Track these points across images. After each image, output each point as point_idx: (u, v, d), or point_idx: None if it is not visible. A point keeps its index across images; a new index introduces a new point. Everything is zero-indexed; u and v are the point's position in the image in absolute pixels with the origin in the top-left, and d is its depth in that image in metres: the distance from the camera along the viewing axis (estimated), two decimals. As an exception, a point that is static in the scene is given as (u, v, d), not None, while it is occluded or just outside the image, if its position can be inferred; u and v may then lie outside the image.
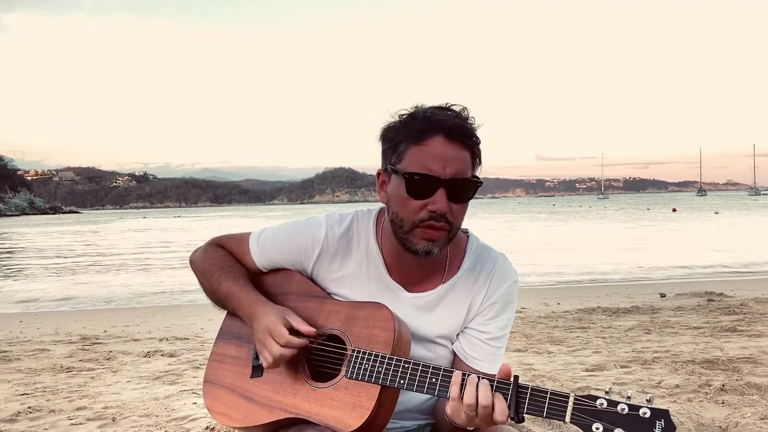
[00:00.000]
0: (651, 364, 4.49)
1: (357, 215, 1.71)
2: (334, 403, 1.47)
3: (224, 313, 1.77)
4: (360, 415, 1.44)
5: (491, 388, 1.33)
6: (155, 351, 5.50)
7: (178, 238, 34.04)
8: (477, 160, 1.52)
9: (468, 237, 1.69)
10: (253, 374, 1.61)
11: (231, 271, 1.70)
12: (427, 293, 1.63)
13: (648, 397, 1.24)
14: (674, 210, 58.76)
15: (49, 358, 5.38)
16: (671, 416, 1.22)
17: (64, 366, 4.97)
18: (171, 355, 5.33)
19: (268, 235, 1.73)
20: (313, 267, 1.67)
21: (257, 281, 1.72)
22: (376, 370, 1.46)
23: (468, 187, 1.49)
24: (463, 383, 1.36)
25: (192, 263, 1.79)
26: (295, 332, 1.53)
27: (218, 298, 1.71)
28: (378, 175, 1.60)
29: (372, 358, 1.47)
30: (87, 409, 3.73)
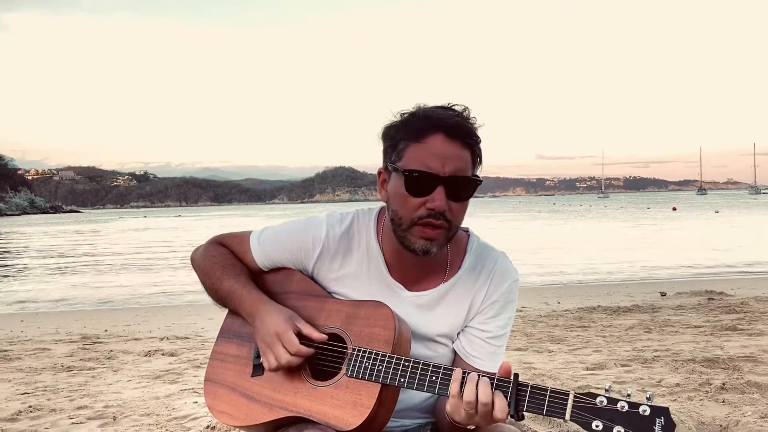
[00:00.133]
0: (651, 362, 4.49)
1: (358, 214, 1.71)
2: (335, 402, 1.48)
3: (225, 312, 1.77)
4: (360, 413, 1.44)
5: (491, 386, 1.33)
6: (156, 350, 5.50)
7: (178, 238, 34.03)
8: (478, 160, 1.52)
9: (469, 236, 1.69)
10: (254, 373, 1.61)
11: (232, 270, 1.70)
12: (427, 292, 1.63)
13: (648, 395, 1.24)
14: (674, 209, 58.73)
15: (49, 357, 5.38)
16: (671, 414, 1.22)
17: (64, 365, 4.98)
18: (172, 355, 5.33)
19: (269, 233, 1.73)
20: (314, 266, 1.67)
21: (258, 280, 1.72)
22: (376, 368, 1.46)
23: (467, 186, 1.49)
24: (463, 381, 1.36)
25: (193, 262, 1.79)
26: (303, 337, 1.53)
27: (219, 297, 1.71)
28: (379, 173, 1.60)
29: (372, 356, 1.47)
30: (88, 408, 3.74)
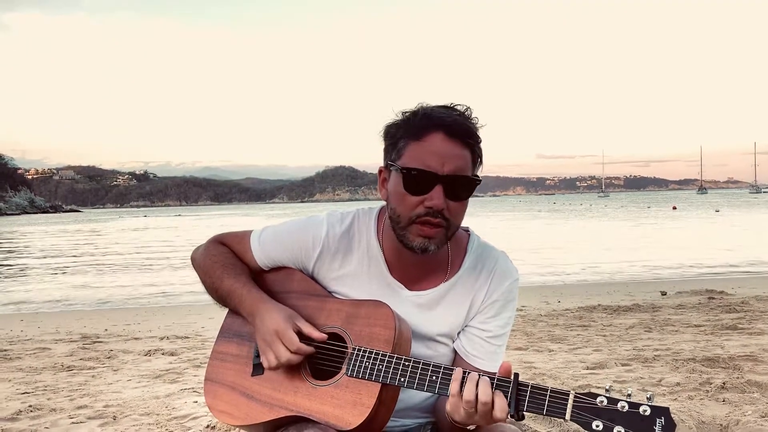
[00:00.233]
0: (652, 362, 4.49)
1: (358, 214, 1.71)
2: (335, 401, 1.48)
3: (225, 312, 1.77)
4: (361, 412, 1.44)
5: (491, 386, 1.33)
6: (156, 350, 5.50)
7: (178, 237, 34.03)
8: (478, 160, 1.52)
9: (469, 235, 1.69)
10: (254, 372, 1.61)
11: (233, 269, 1.70)
12: (428, 291, 1.63)
13: (648, 395, 1.24)
14: (674, 208, 58.73)
15: (50, 356, 5.38)
16: (671, 414, 1.22)
17: (65, 365, 4.98)
18: (172, 354, 5.33)
19: (270, 233, 1.73)
20: (314, 265, 1.67)
21: (258, 279, 1.72)
22: (376, 368, 1.46)
23: (466, 185, 1.49)
24: (464, 381, 1.36)
25: (194, 261, 1.79)
26: (303, 336, 1.53)
27: (220, 296, 1.71)
28: (380, 172, 1.60)
29: (373, 356, 1.47)
30: (88, 407, 3.74)
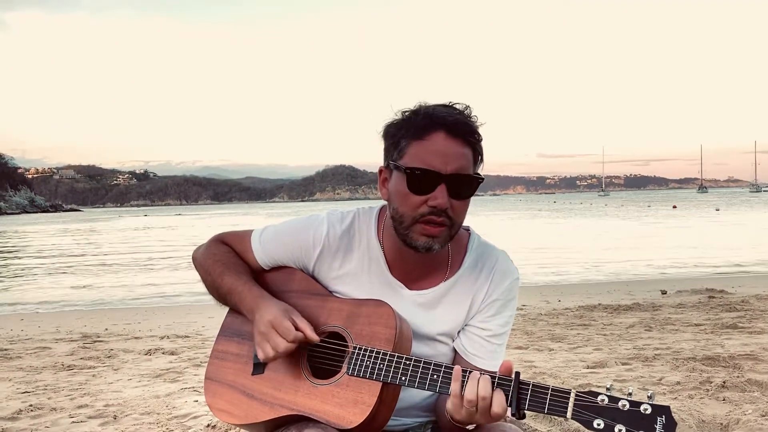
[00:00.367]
0: (652, 361, 4.49)
1: (358, 213, 1.71)
2: (336, 400, 1.48)
3: (225, 311, 1.78)
4: (361, 411, 1.44)
5: (492, 384, 1.34)
6: (156, 349, 5.50)
7: (178, 237, 34.04)
8: (479, 158, 1.52)
9: (470, 234, 1.69)
10: (255, 371, 1.61)
11: (234, 268, 1.70)
12: (428, 291, 1.63)
13: (649, 394, 1.24)
14: (674, 207, 58.72)
15: (50, 356, 5.38)
16: (672, 412, 1.22)
17: (65, 364, 4.98)
18: (172, 353, 5.33)
19: (270, 232, 1.73)
20: (315, 265, 1.67)
21: (259, 279, 1.72)
22: (377, 366, 1.46)
23: (469, 184, 1.49)
24: (465, 380, 1.36)
25: (195, 260, 1.79)
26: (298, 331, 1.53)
27: (220, 294, 1.71)
28: (380, 172, 1.60)
29: (373, 355, 1.47)
30: (88, 407, 3.74)
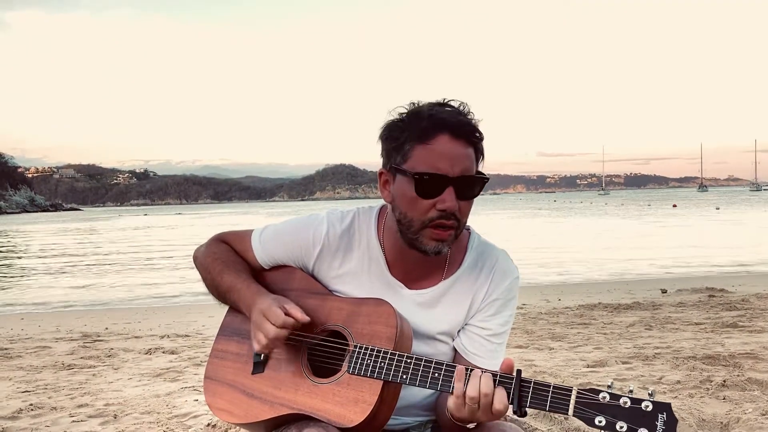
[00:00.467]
0: (652, 360, 4.49)
1: (358, 212, 1.71)
2: (336, 399, 1.48)
3: (225, 310, 1.78)
4: (362, 410, 1.44)
5: (494, 381, 1.34)
6: (156, 348, 5.50)
7: (179, 236, 34.04)
8: (480, 156, 1.52)
9: (470, 234, 1.69)
10: (255, 370, 1.61)
11: (233, 266, 1.70)
12: (428, 290, 1.63)
13: (650, 391, 1.24)
14: (674, 206, 58.70)
15: (50, 355, 5.38)
16: (673, 410, 1.22)
17: (65, 363, 4.98)
18: (172, 352, 5.33)
19: (271, 231, 1.73)
20: (315, 264, 1.67)
21: (259, 278, 1.72)
22: (378, 365, 1.46)
23: (475, 184, 1.50)
24: (467, 379, 1.36)
25: (195, 259, 1.79)
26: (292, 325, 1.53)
27: (220, 293, 1.71)
28: (380, 174, 1.59)
29: (374, 353, 1.47)
30: (88, 406, 3.74)
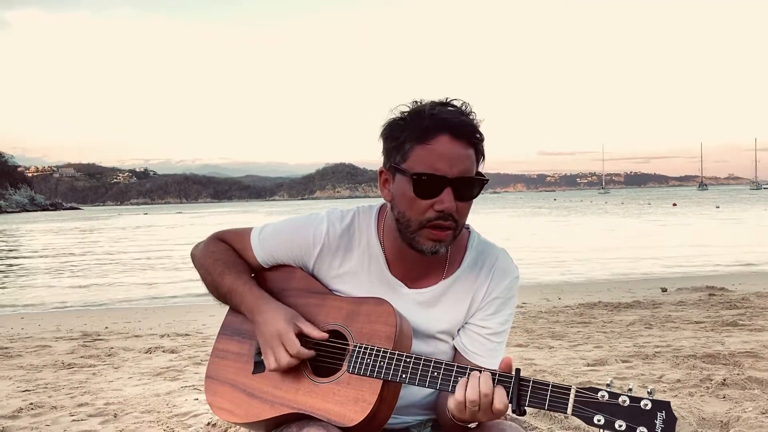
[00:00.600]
0: (652, 358, 4.49)
1: (358, 211, 1.70)
2: (336, 398, 1.48)
3: (225, 309, 1.77)
4: (362, 409, 1.44)
5: (493, 381, 1.34)
6: (156, 347, 5.51)
7: (179, 235, 34.04)
8: (481, 157, 1.52)
9: (469, 233, 1.69)
10: (255, 370, 1.61)
11: (234, 267, 1.70)
12: (428, 289, 1.63)
13: (649, 390, 1.24)
14: (674, 205, 58.68)
15: (50, 354, 5.39)
16: (672, 408, 1.22)
17: (65, 362, 4.98)
18: (172, 352, 5.34)
19: (270, 230, 1.72)
20: (315, 263, 1.67)
21: (259, 277, 1.72)
22: (378, 364, 1.46)
23: (474, 186, 1.49)
24: (467, 382, 1.36)
25: (193, 258, 1.78)
26: (304, 336, 1.54)
27: (221, 294, 1.71)
28: (380, 173, 1.59)
29: (374, 353, 1.48)
30: (88, 405, 3.74)
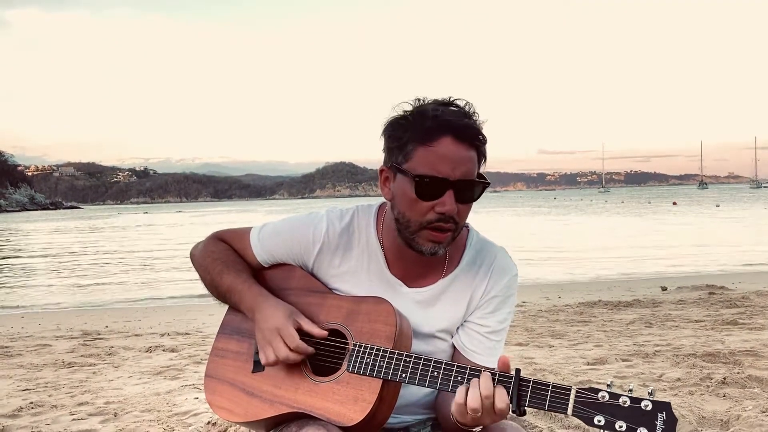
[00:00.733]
0: (652, 357, 4.49)
1: (358, 210, 1.70)
2: (336, 397, 1.47)
3: (225, 308, 1.77)
4: (362, 408, 1.44)
5: (493, 382, 1.33)
6: (156, 346, 5.51)
7: (178, 234, 34.04)
8: (483, 159, 1.52)
9: (468, 231, 1.69)
10: (255, 369, 1.61)
11: (233, 266, 1.69)
12: (427, 288, 1.63)
13: (649, 390, 1.24)
14: (674, 203, 58.69)
15: (50, 353, 5.39)
16: (673, 408, 1.22)
17: (65, 361, 4.99)
18: (172, 351, 5.34)
19: (270, 229, 1.72)
20: (314, 262, 1.67)
21: (259, 276, 1.72)
22: (377, 364, 1.46)
23: (476, 188, 1.49)
24: (467, 389, 1.35)
25: (193, 258, 1.78)
26: (304, 333, 1.53)
27: (220, 293, 1.71)
28: (381, 171, 1.58)
29: (374, 352, 1.47)
30: (89, 404, 3.74)
